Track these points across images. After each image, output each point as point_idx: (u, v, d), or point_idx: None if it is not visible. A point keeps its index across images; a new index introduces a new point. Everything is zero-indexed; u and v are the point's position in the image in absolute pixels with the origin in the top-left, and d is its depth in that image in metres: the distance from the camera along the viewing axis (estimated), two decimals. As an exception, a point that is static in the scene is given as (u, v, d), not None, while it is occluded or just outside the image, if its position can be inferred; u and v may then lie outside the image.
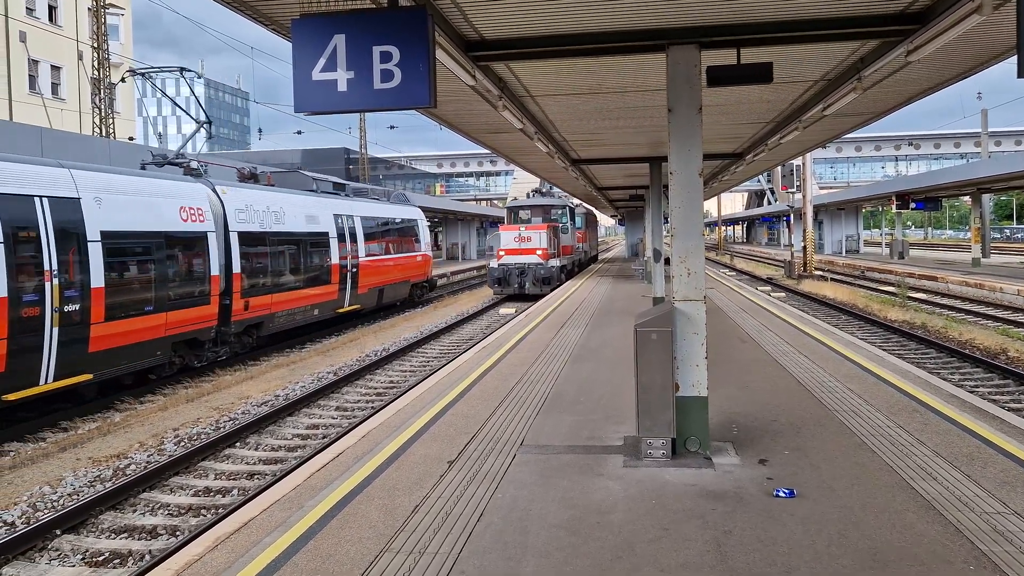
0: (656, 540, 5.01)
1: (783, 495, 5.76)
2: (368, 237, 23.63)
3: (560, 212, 34.87)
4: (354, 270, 22.11)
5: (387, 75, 4.73)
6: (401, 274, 26.55)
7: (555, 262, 29.03)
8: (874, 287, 32.21)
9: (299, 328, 20.24)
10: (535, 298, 27.36)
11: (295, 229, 19.23)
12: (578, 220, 40.65)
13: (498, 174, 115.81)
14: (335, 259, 21.13)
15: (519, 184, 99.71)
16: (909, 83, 10.11)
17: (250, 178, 19.76)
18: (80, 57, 40.62)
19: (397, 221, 27.12)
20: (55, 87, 42.48)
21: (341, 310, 21.71)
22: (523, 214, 34.02)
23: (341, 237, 21.66)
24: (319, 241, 20.44)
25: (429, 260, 29.96)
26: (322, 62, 4.78)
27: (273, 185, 20.31)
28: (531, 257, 28.40)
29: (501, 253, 28.65)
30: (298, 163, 71.42)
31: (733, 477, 6.22)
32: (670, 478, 6.24)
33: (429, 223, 34.26)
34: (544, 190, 36.53)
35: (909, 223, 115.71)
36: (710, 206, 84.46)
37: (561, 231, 32.72)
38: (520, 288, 28.38)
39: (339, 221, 21.79)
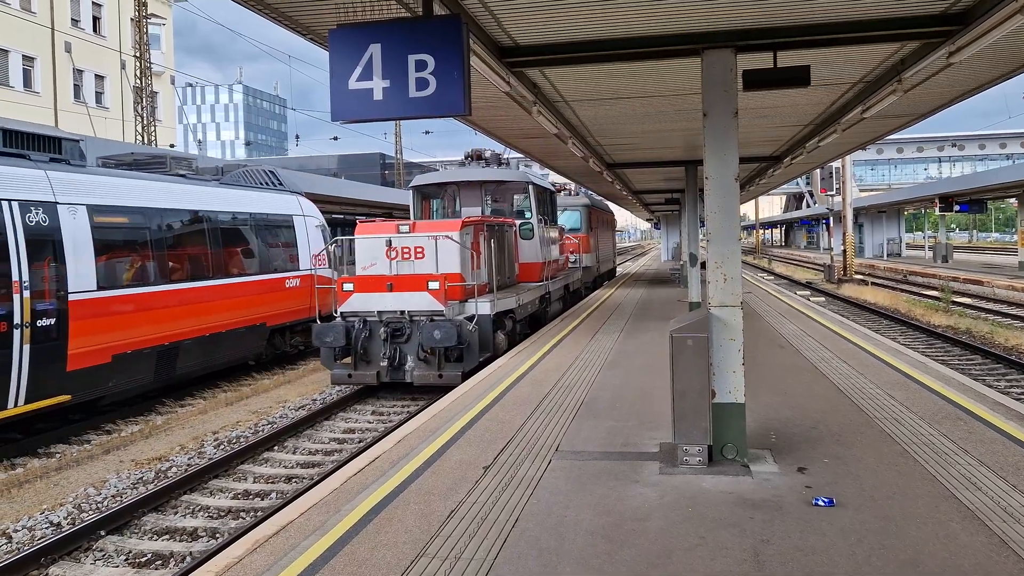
0: (693, 548, 4.97)
1: (822, 504, 5.67)
2: (121, 247, 12.43)
3: (521, 198, 18.40)
4: (48, 323, 10.65)
5: (422, 83, 4.78)
6: (240, 314, 15.07)
7: (484, 305, 13.22)
8: (917, 291, 31.59)
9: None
10: (439, 391, 12.44)
11: None
12: (571, 217, 27.31)
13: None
14: None
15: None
16: (951, 84, 9.92)
17: None
18: (123, 66, 41.56)
19: (240, 217, 15.67)
20: (99, 96, 43.51)
21: None
22: (441, 199, 18.30)
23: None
24: None
25: (313, 284, 17.55)
26: (358, 71, 4.84)
27: None
28: (418, 297, 12.78)
29: (348, 287, 13.26)
30: (334, 168, 72.20)
31: (771, 485, 6.15)
32: (707, 485, 6.18)
33: (334, 219, 24.35)
34: (493, 156, 18.93)
35: (953, 226, 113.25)
36: (747, 209, 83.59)
37: (519, 235, 17.34)
38: (394, 366, 12.79)
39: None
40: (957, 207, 45.28)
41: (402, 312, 12.65)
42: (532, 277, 17.69)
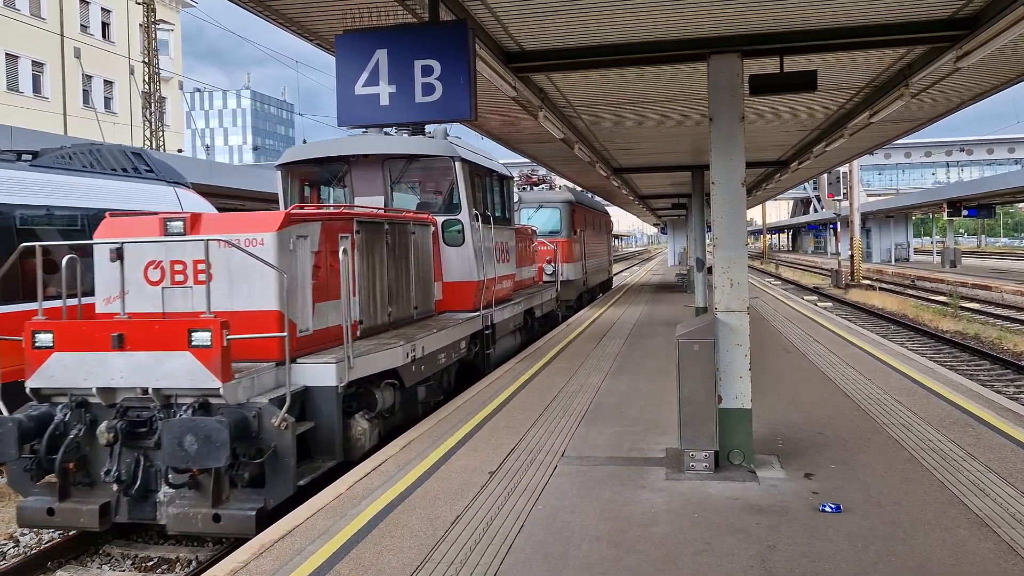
0: (699, 554, 4.96)
1: (829, 510, 5.65)
2: None
3: (447, 182, 11.87)
4: None
5: (428, 88, 4.79)
6: None
7: (321, 370, 7.19)
8: (925, 297, 31.47)
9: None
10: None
11: None
12: (548, 216, 22.17)
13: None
14: None
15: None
16: (959, 89, 9.90)
17: None
18: (132, 72, 41.81)
19: (60, 216, 10.75)
20: (108, 101, 43.76)
21: None
22: (330, 183, 12.24)
23: None
24: None
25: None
26: (364, 76, 4.86)
27: None
28: (170, 362, 6.38)
29: (44, 340, 6.60)
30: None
31: (778, 491, 6.12)
32: (713, 491, 6.16)
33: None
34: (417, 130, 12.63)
35: (961, 231, 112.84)
36: (754, 214, 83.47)
37: (443, 238, 11.64)
38: (132, 494, 6.49)
39: None
40: (965, 212, 45.18)
41: (145, 391, 6.50)
42: (462, 303, 11.66)
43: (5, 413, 6.58)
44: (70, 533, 7.25)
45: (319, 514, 5.88)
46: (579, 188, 26.08)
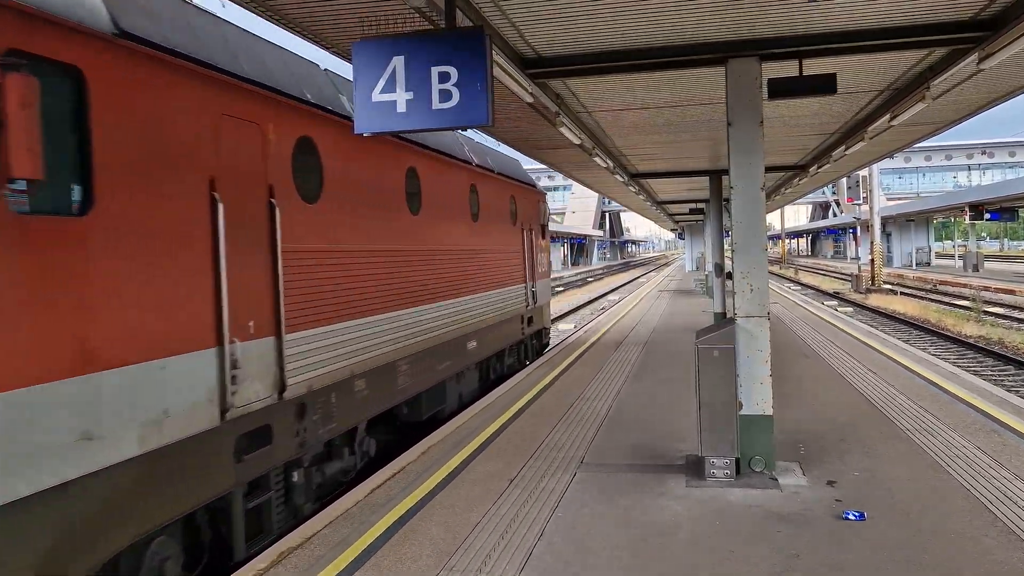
0: (721, 562, 4.90)
1: (853, 518, 5.57)
2: None
3: None
4: None
5: (445, 95, 4.78)
6: None
7: None
8: (947, 301, 31.10)
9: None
10: None
11: None
12: None
13: (555, 189, 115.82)
14: None
15: (577, 198, 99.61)
16: (981, 91, 9.78)
17: None
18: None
19: None
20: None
21: None
22: None
23: None
24: None
25: None
26: (381, 83, 4.86)
27: None
28: None
29: None
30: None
31: (800, 499, 6.05)
32: (734, 499, 6.09)
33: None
34: None
35: (983, 234, 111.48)
36: (773, 219, 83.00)
37: None
38: None
39: None
40: (988, 215, 44.65)
41: None
42: None
43: None
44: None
45: (339, 521, 5.87)
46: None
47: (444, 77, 4.78)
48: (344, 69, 6.87)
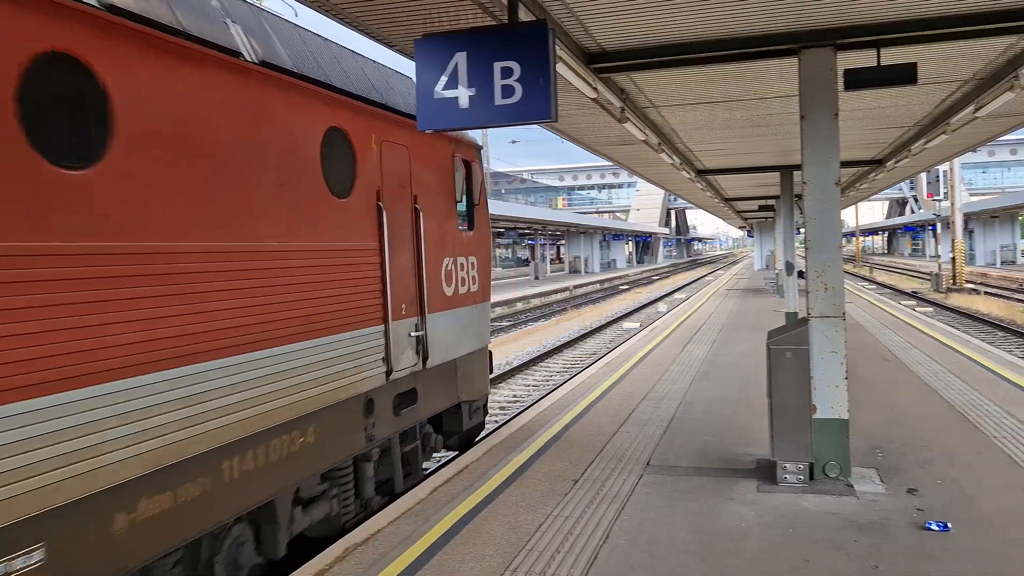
0: (795, 571, 4.71)
1: (936, 528, 5.30)
2: None
3: None
4: None
5: (508, 91, 4.72)
6: None
7: None
8: (1034, 301, 29.65)
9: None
10: None
11: None
12: None
13: (620, 186, 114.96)
14: None
15: (642, 196, 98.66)
16: (1075, 78, 9.22)
17: None
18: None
19: None
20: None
21: None
22: None
23: None
24: None
25: None
26: (444, 80, 4.83)
27: None
28: None
29: None
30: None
31: (879, 507, 5.79)
32: (808, 505, 5.87)
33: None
34: None
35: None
36: (847, 216, 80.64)
37: None
38: None
39: None
40: (1079, 211, 42.38)
41: None
42: None
43: None
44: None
45: (402, 519, 5.88)
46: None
47: (507, 72, 4.73)
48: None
